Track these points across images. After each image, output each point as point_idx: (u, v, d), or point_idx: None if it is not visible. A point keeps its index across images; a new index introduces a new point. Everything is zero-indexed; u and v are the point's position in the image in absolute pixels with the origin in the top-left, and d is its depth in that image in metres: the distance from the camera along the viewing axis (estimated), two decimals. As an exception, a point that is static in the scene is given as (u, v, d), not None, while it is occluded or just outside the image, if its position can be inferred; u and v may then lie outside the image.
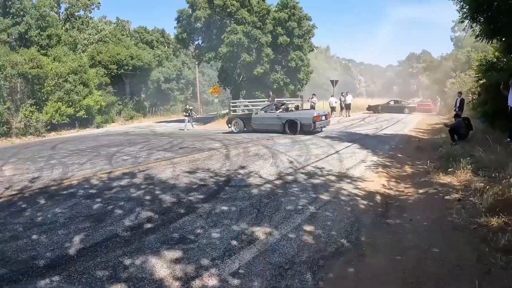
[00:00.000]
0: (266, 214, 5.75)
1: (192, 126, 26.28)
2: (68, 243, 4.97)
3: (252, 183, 7.73)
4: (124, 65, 39.06)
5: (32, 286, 3.91)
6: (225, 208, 6.10)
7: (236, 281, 3.87)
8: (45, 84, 29.93)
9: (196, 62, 41.31)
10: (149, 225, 5.47)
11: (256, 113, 17.96)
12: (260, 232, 5.08)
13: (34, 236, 5.25)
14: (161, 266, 4.22)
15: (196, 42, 35.37)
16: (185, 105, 31.37)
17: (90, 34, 45.52)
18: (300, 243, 4.74)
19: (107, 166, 10.41)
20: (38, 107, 29.27)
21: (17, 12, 37.00)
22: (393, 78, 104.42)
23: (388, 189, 7.40)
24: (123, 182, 8.24)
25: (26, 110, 28.29)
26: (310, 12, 52.25)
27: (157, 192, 7.22)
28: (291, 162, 9.87)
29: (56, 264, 4.38)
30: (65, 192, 7.75)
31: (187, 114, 26.00)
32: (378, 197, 6.77)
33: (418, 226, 5.34)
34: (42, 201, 7.10)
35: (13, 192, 7.98)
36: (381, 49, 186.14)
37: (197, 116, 34.99)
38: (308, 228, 5.22)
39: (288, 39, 32.34)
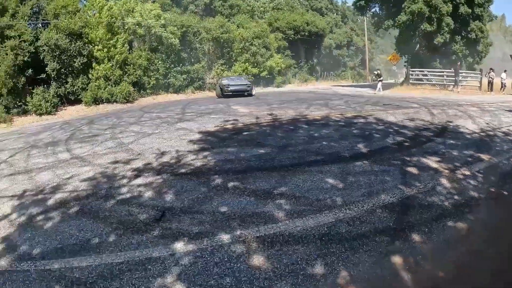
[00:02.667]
0: (483, 150, 7.28)
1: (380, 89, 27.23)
2: (355, 148, 7.23)
3: (464, 131, 9.20)
4: (300, 31, 41.66)
5: (351, 164, 6.13)
6: (452, 142, 7.85)
7: (473, 182, 5.55)
8: (233, 47, 33.94)
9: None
10: (406, 144, 7.53)
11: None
12: (484, 157, 6.75)
13: (324, 143, 7.66)
14: (431, 163, 6.21)
15: (373, 9, 36.07)
16: (375, 71, 32.59)
17: (265, 3, 49.17)
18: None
19: (334, 111, 12.84)
20: (227, 66, 33.62)
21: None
22: None
23: None
24: (360, 120, 10.49)
25: (217, 68, 32.81)
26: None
27: (395, 128, 9.22)
28: (487, 123, 10.84)
29: (357, 156, 6.63)
30: (316, 122, 10.29)
31: (378, 78, 27.27)
32: None
33: None
34: (304, 126, 9.71)
35: (268, 121, 10.80)
36: None
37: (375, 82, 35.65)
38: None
39: (470, 10, 31.25)
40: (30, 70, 23.67)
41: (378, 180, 5.23)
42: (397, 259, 3.30)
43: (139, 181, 6.04)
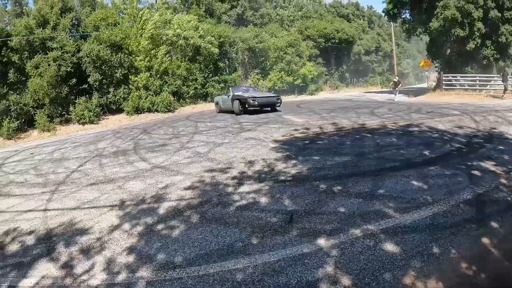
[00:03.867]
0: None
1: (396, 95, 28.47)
2: (423, 154, 8.37)
3: (508, 137, 10.10)
4: (331, 39, 42.81)
5: (425, 169, 7.18)
6: (501, 147, 8.89)
7: None
8: (267, 56, 35.37)
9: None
10: (464, 150, 8.70)
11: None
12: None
13: (394, 150, 8.83)
14: (489, 166, 7.20)
15: (404, 16, 36.59)
16: (393, 78, 33.44)
17: (293, 12, 50.55)
18: None
19: (385, 119, 14.04)
20: (262, 75, 34.91)
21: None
22: None
23: None
24: (415, 128, 11.63)
25: (253, 77, 34.15)
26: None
27: (448, 136, 10.32)
28: (526, 128, 11.90)
29: (427, 161, 7.73)
30: (376, 131, 11.45)
31: (395, 85, 28.50)
32: None
33: None
34: (368, 135, 10.90)
35: (332, 130, 12.04)
36: None
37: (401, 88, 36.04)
38: None
39: (499, 14, 31.73)
40: (74, 80, 25.24)
41: (452, 181, 6.35)
42: (485, 240, 4.42)
43: (245, 188, 6.59)
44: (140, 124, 21.31)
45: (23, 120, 23.87)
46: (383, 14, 38.68)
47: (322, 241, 4.46)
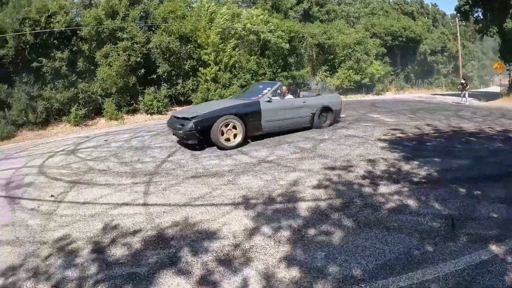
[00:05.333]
0: None
1: (462, 98, 28.57)
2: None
3: None
4: (398, 37, 42.60)
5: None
6: None
7: None
8: (337, 53, 35.65)
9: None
10: None
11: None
12: None
13: (508, 155, 9.12)
14: None
15: (476, 14, 35.83)
16: (461, 80, 33.04)
17: (359, 8, 50.51)
18: None
19: (476, 123, 14.51)
20: (330, 72, 35.23)
21: (300, -9, 44.29)
22: None
23: None
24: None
25: (321, 74, 34.53)
26: None
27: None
28: None
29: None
30: (478, 135, 11.85)
31: (463, 88, 28.48)
32: None
33: None
34: (472, 139, 11.31)
35: (433, 132, 12.57)
36: None
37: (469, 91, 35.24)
38: None
39: None
40: (142, 70, 26.43)
41: None
42: None
43: (384, 189, 6.30)
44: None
45: (90, 108, 25.17)
46: (447, 13, 38.10)
47: (494, 247, 4.28)
